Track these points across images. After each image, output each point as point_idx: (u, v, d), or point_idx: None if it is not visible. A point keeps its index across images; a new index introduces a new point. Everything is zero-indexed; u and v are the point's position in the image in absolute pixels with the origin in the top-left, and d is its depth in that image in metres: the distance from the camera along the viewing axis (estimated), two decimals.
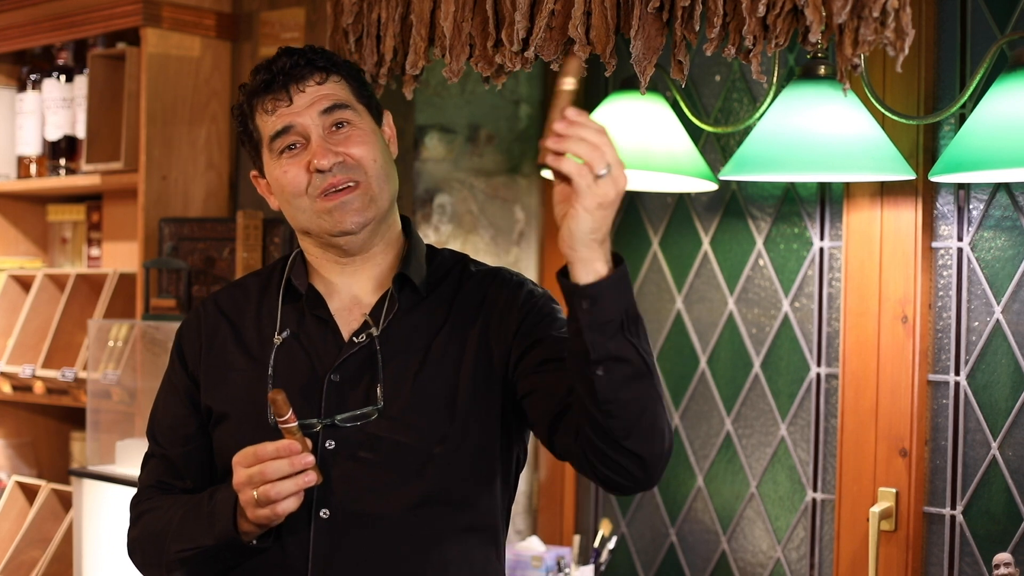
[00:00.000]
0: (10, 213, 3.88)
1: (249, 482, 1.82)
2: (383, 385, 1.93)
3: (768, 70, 2.64)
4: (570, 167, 1.63)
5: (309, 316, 2.01)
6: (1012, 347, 2.58)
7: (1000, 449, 2.59)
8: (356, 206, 1.95)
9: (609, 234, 1.69)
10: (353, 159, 1.95)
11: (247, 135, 2.04)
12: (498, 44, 2.34)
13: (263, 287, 2.09)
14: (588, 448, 1.76)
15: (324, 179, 1.94)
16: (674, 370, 3.14)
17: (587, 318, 1.68)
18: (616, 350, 1.69)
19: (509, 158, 3.40)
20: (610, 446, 1.74)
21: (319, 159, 1.94)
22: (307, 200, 1.96)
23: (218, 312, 2.08)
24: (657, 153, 2.69)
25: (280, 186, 1.99)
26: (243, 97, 2.03)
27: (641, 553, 3.19)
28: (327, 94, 1.98)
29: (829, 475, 2.84)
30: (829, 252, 2.86)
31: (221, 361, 2.03)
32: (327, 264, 2.03)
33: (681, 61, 2.14)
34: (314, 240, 2.02)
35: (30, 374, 3.45)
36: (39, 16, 3.50)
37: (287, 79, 1.97)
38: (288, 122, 1.96)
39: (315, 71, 1.98)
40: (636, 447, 1.74)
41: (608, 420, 1.72)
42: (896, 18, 1.91)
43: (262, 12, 3.32)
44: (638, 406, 1.73)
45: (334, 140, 1.96)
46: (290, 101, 1.97)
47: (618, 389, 1.70)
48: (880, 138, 2.47)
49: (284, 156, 1.97)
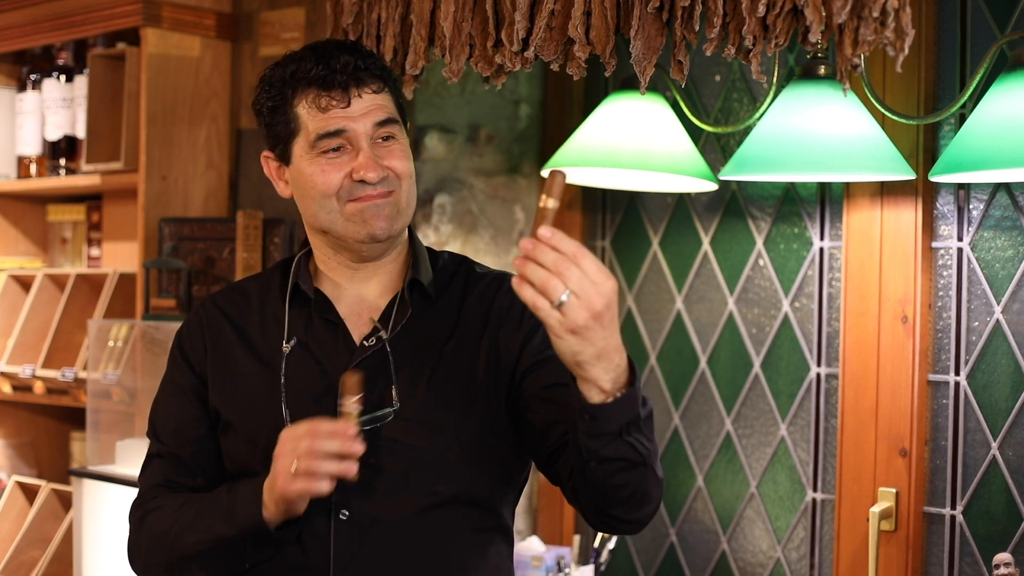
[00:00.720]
0: (10, 213, 3.88)
1: (293, 451, 1.79)
2: (397, 387, 1.93)
3: (768, 70, 2.64)
4: (526, 295, 1.61)
5: (317, 320, 1.99)
6: (1012, 347, 2.58)
7: (1000, 449, 2.59)
8: (387, 212, 1.94)
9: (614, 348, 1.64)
10: (395, 173, 1.95)
11: (278, 119, 1.97)
12: (498, 44, 2.34)
13: (264, 291, 2.06)
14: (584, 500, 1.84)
15: (363, 189, 1.92)
16: (674, 370, 3.14)
17: (588, 428, 1.70)
18: (611, 453, 1.72)
19: (509, 158, 3.40)
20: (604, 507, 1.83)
21: (368, 171, 1.91)
22: (336, 202, 1.94)
23: (220, 314, 2.06)
24: (657, 153, 2.69)
25: (311, 184, 1.95)
26: (282, 77, 1.96)
27: (641, 553, 3.19)
28: (383, 105, 1.95)
29: (829, 475, 2.84)
30: (829, 252, 2.86)
31: (228, 364, 2.01)
32: (337, 268, 2.01)
33: (681, 61, 2.14)
34: (329, 241, 1.99)
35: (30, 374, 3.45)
36: (39, 16, 3.49)
37: (348, 80, 1.93)
38: (343, 126, 1.93)
39: (374, 78, 1.95)
40: (622, 515, 1.83)
41: (602, 496, 1.79)
42: (896, 18, 1.91)
43: (262, 12, 3.32)
44: (628, 491, 1.79)
45: (379, 152, 1.95)
46: (348, 104, 1.93)
47: (611, 478, 1.75)
48: (880, 138, 2.47)
49: (324, 156, 1.94)
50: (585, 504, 1.84)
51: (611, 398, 1.67)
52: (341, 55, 1.94)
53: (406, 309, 1.99)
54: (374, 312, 2.00)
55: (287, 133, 1.97)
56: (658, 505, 1.88)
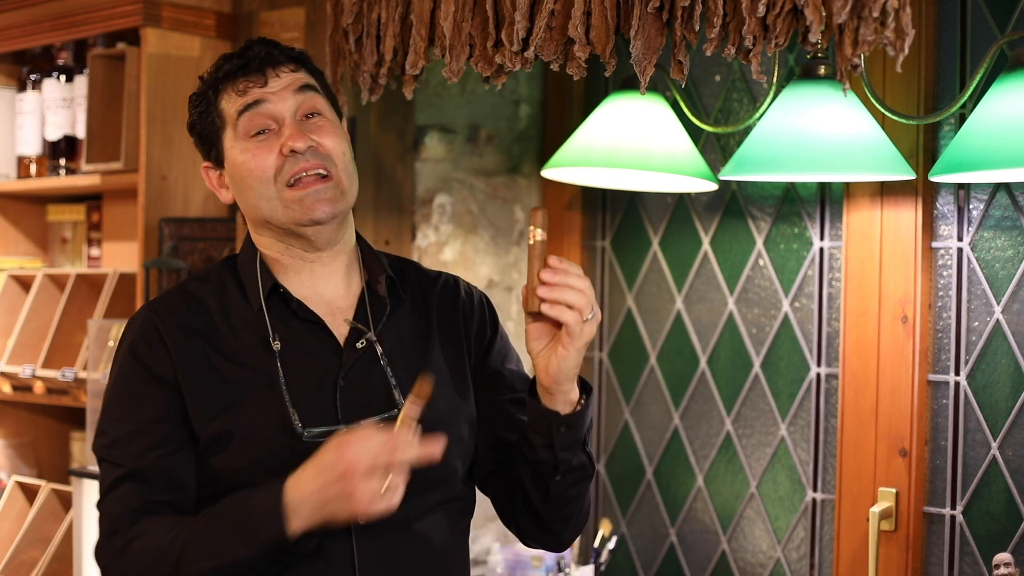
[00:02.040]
0: (10, 213, 3.88)
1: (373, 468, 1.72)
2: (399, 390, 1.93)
3: (768, 70, 2.64)
4: (568, 316, 1.79)
5: (298, 321, 1.95)
6: (1012, 347, 2.58)
7: (1000, 449, 2.59)
8: (328, 195, 1.92)
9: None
10: (325, 148, 1.93)
11: (205, 123, 1.98)
12: (498, 44, 2.34)
13: (218, 294, 1.99)
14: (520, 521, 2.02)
15: (296, 163, 1.91)
16: (674, 370, 3.14)
17: (562, 439, 1.88)
18: (578, 461, 1.92)
19: (509, 158, 3.40)
20: (539, 526, 2.00)
21: (294, 140, 1.90)
22: (275, 188, 1.92)
23: (176, 321, 1.94)
24: (657, 153, 2.69)
25: (246, 171, 1.93)
26: (206, 85, 1.98)
27: (641, 553, 3.19)
28: (301, 77, 1.97)
29: (829, 475, 2.84)
30: (829, 252, 2.86)
31: (208, 375, 1.91)
32: (294, 264, 1.98)
33: (681, 61, 2.14)
34: (275, 234, 1.96)
35: (30, 374, 3.45)
36: (39, 16, 3.49)
37: (263, 63, 1.95)
38: (259, 96, 1.93)
39: (290, 59, 1.97)
40: (562, 532, 2.01)
41: (550, 513, 1.97)
42: (896, 18, 1.90)
43: (262, 12, 3.31)
44: (579, 503, 1.98)
45: (306, 127, 1.94)
46: (265, 82, 1.94)
47: (568, 490, 1.94)
48: (880, 138, 2.47)
49: (252, 140, 1.93)
50: (526, 520, 2.01)
51: (579, 406, 1.88)
52: (255, 47, 1.97)
53: (383, 307, 1.99)
54: (345, 312, 1.98)
55: (214, 131, 1.97)
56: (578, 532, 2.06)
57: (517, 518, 2.02)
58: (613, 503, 3.24)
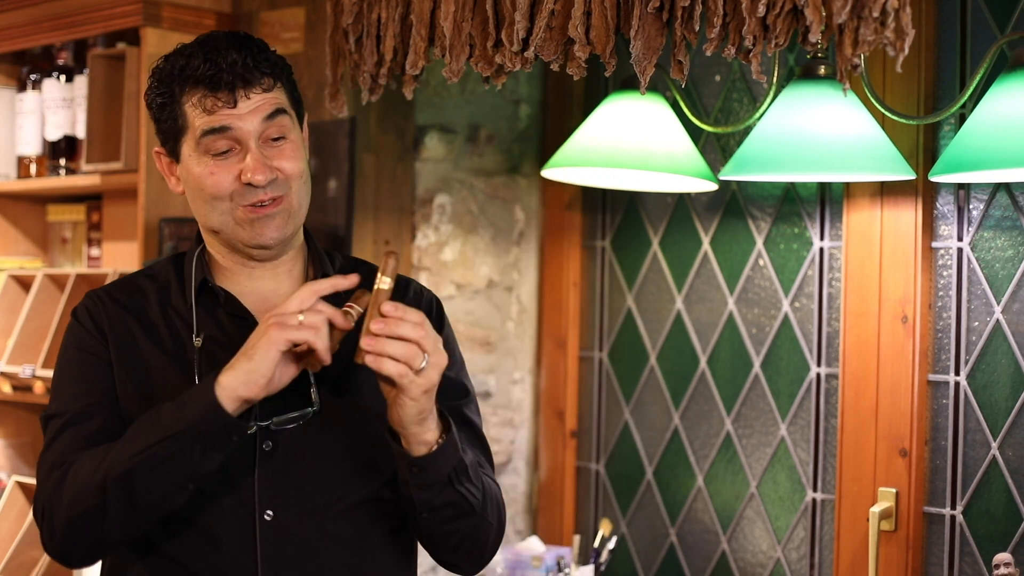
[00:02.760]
0: (10, 213, 3.88)
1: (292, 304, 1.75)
2: (317, 388, 1.91)
3: (768, 70, 2.64)
4: (391, 369, 1.73)
5: (227, 316, 1.97)
6: (1012, 347, 2.58)
7: (1000, 449, 2.59)
8: (277, 223, 1.93)
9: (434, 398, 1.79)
10: (284, 175, 1.92)
11: (166, 115, 1.94)
12: (498, 44, 2.34)
13: (161, 286, 2.01)
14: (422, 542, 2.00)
15: (255, 194, 1.90)
16: (674, 370, 3.14)
17: (416, 480, 1.83)
18: (441, 501, 1.86)
19: (509, 158, 3.40)
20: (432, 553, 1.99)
21: (256, 174, 1.89)
22: (228, 204, 1.92)
23: (117, 305, 1.98)
24: (657, 153, 2.69)
25: (200, 186, 1.92)
26: (171, 72, 1.92)
27: (641, 553, 3.19)
28: (271, 99, 1.92)
29: (829, 475, 2.84)
30: (829, 252, 2.86)
31: (133, 355, 1.95)
32: (235, 267, 2.00)
33: (681, 61, 2.14)
34: (221, 240, 1.98)
35: (30, 374, 3.45)
36: (39, 16, 3.49)
37: (235, 80, 1.89)
38: (228, 123, 1.89)
39: (263, 75, 1.91)
40: (452, 560, 1.98)
41: (432, 546, 1.96)
42: (896, 18, 1.90)
43: (262, 12, 3.31)
44: (457, 539, 1.93)
45: (269, 153, 1.92)
46: (234, 104, 1.89)
47: (442, 526, 1.90)
48: (880, 138, 2.47)
49: (212, 158, 1.91)
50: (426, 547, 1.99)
51: (435, 447, 1.81)
52: (229, 52, 1.90)
53: None
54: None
55: (175, 130, 1.94)
56: (494, 551, 2.00)
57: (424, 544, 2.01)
58: (613, 503, 3.24)
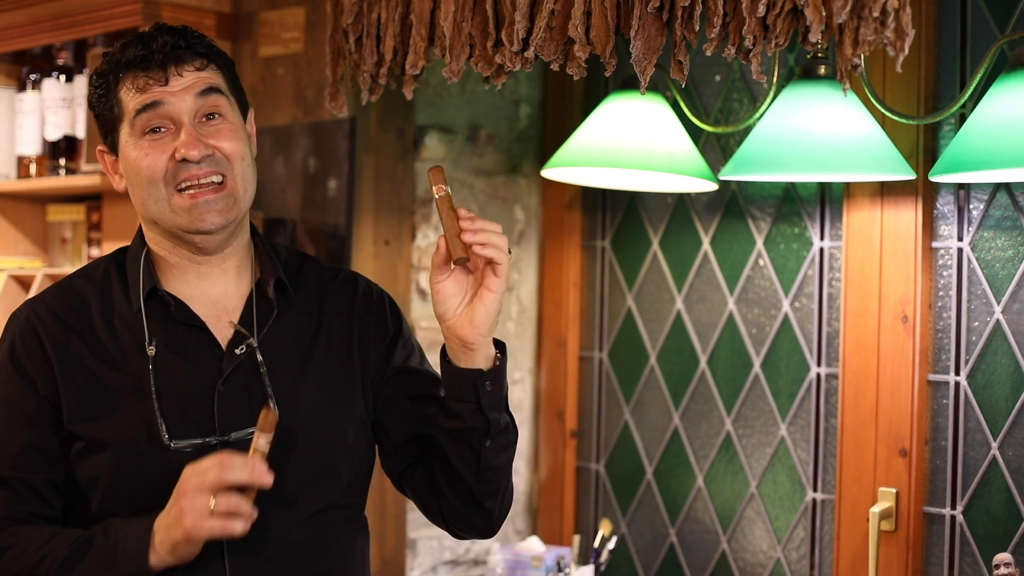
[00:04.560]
0: (10, 213, 3.88)
1: (202, 487, 1.73)
2: (275, 399, 1.89)
3: (768, 70, 2.64)
4: (498, 252, 1.81)
5: (178, 325, 1.91)
6: (1012, 347, 2.58)
7: (1000, 449, 2.59)
8: (219, 207, 1.88)
9: None
10: (222, 153, 1.89)
11: (104, 107, 1.92)
12: (498, 44, 2.34)
13: (102, 290, 1.95)
14: (446, 506, 1.97)
15: (188, 169, 1.86)
16: (674, 370, 3.14)
17: (488, 398, 1.85)
18: (504, 422, 1.90)
19: (509, 158, 3.40)
20: (469, 506, 1.96)
21: (188, 149, 1.85)
22: (164, 190, 1.87)
23: (57, 322, 1.90)
24: (657, 153, 2.69)
25: (137, 170, 1.88)
26: (108, 65, 1.91)
27: (641, 553, 3.19)
28: (205, 77, 1.90)
29: (829, 475, 2.84)
30: (829, 252, 2.86)
31: (84, 379, 1.87)
32: (180, 264, 1.94)
33: (681, 61, 2.14)
34: (162, 232, 1.92)
35: None
36: (39, 16, 3.49)
37: (166, 59, 1.88)
38: (158, 98, 1.86)
39: (196, 56, 1.90)
40: (493, 506, 1.96)
41: (480, 485, 1.92)
42: (896, 18, 1.90)
43: (262, 12, 3.31)
44: (506, 474, 1.96)
45: (204, 131, 1.88)
46: (166, 82, 1.87)
47: (498, 456, 1.91)
48: (880, 138, 2.47)
49: (146, 138, 1.87)
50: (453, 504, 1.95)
51: (498, 361, 1.87)
52: (161, 36, 1.89)
53: (270, 309, 1.95)
54: (231, 314, 1.94)
55: (112, 119, 1.91)
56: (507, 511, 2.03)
57: (442, 507, 1.98)
58: (613, 503, 3.24)
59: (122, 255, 1.99)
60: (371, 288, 2.08)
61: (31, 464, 1.86)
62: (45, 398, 1.87)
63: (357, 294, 2.04)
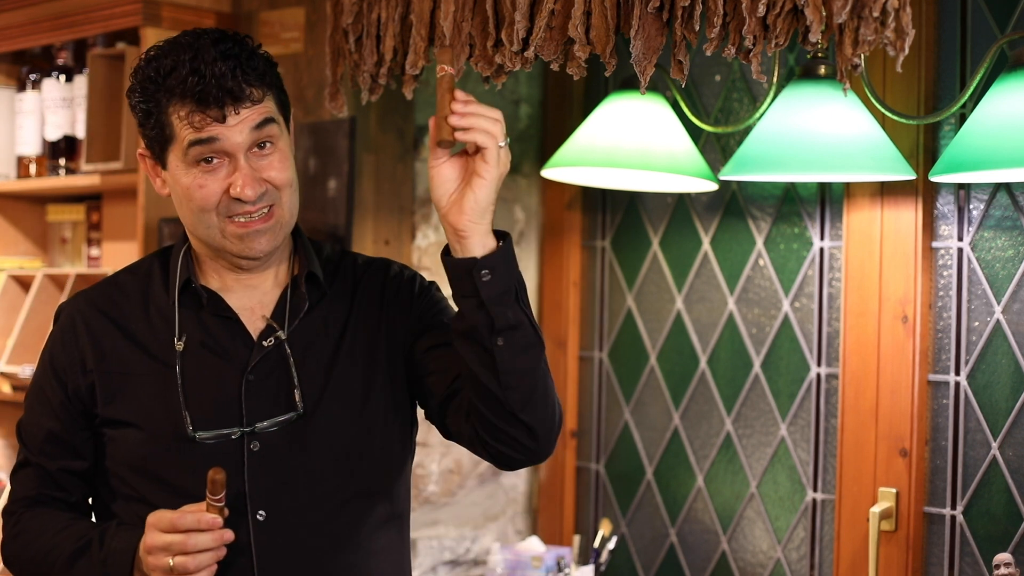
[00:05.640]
0: (10, 213, 3.88)
1: (167, 549, 1.80)
2: (300, 389, 1.93)
3: (768, 70, 2.64)
4: (484, 138, 1.76)
5: (211, 317, 1.96)
6: (1012, 347, 2.58)
7: (1000, 449, 2.59)
8: (268, 237, 1.92)
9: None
10: (274, 185, 1.91)
11: (151, 125, 1.90)
12: (498, 44, 2.34)
13: (144, 285, 2.01)
14: (481, 425, 1.84)
15: (242, 206, 1.89)
16: (674, 370, 3.14)
17: (488, 290, 1.77)
18: (515, 318, 1.79)
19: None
20: (504, 419, 1.81)
21: (246, 188, 1.87)
22: (215, 217, 1.90)
23: (99, 314, 1.99)
24: (657, 153, 2.69)
25: (188, 197, 1.90)
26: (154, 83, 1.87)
27: (641, 553, 3.19)
28: (261, 109, 1.89)
29: (829, 475, 2.84)
30: (829, 252, 2.86)
31: (118, 366, 1.96)
32: (220, 268, 1.99)
33: (681, 61, 2.14)
34: (207, 246, 1.97)
35: (30, 374, 3.45)
36: (39, 16, 3.49)
37: (223, 97, 1.85)
38: (216, 134, 1.86)
39: (252, 88, 1.87)
40: (530, 418, 1.82)
41: (506, 392, 1.80)
42: (896, 18, 1.90)
43: (262, 12, 3.31)
44: (533, 376, 1.82)
45: (257, 164, 1.89)
46: (223, 120, 1.86)
47: (516, 358, 1.79)
48: (880, 138, 2.46)
49: (199, 168, 1.88)
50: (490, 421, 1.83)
51: (498, 248, 1.79)
52: (216, 63, 1.84)
53: (301, 302, 1.99)
54: (265, 308, 1.98)
55: (161, 139, 1.91)
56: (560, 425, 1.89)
57: (481, 429, 1.86)
58: (613, 503, 3.24)
59: (167, 251, 2.06)
60: (403, 270, 2.09)
61: (51, 452, 1.98)
62: (72, 394, 1.97)
63: (388, 276, 2.06)
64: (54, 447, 1.98)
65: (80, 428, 1.97)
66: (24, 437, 2.02)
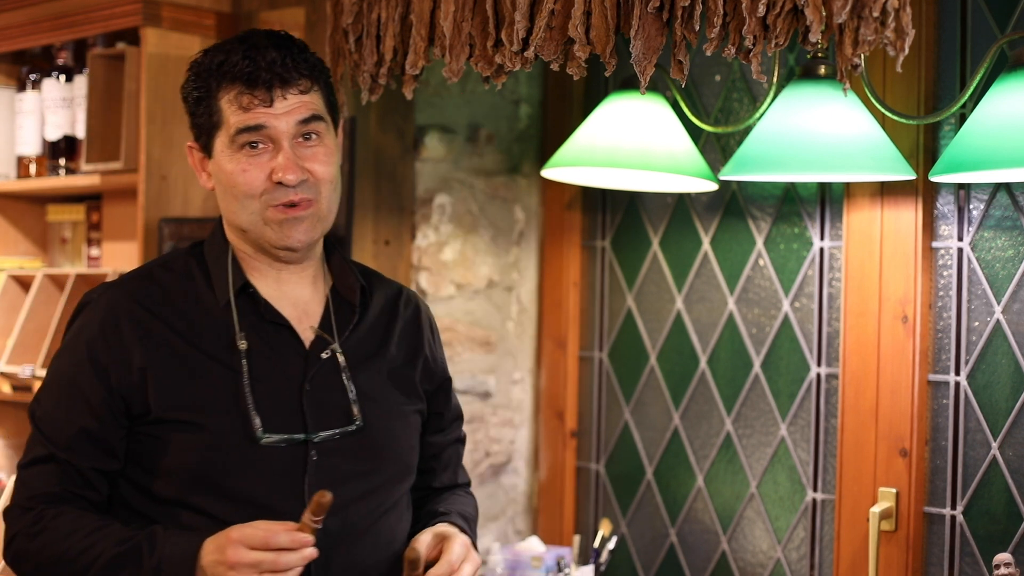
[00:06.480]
0: (10, 213, 3.88)
1: (256, 567, 1.78)
2: (358, 403, 1.96)
3: (768, 70, 2.64)
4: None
5: (264, 323, 1.96)
6: (1012, 347, 2.58)
7: (1000, 449, 2.59)
8: (306, 225, 1.94)
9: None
10: (315, 177, 1.93)
11: (201, 111, 1.94)
12: (498, 44, 2.34)
13: (185, 284, 1.98)
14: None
15: (285, 194, 1.91)
16: (674, 370, 3.14)
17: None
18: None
19: (509, 158, 3.40)
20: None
21: (288, 173, 1.89)
22: (258, 204, 1.92)
23: (142, 308, 1.93)
24: (657, 153, 2.69)
25: (232, 183, 1.92)
26: (208, 69, 1.92)
27: (641, 553, 3.19)
28: (308, 103, 1.93)
29: (829, 475, 2.84)
30: (829, 252, 2.86)
31: (175, 364, 1.91)
32: (262, 267, 2.00)
33: (681, 61, 2.14)
34: (248, 240, 1.98)
35: (30, 374, 3.45)
36: (39, 16, 3.49)
37: (272, 79, 1.90)
38: (263, 121, 1.90)
39: (302, 77, 1.92)
40: None
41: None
42: (896, 18, 1.90)
43: (262, 12, 3.31)
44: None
45: (301, 154, 1.92)
46: (271, 103, 1.90)
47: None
48: (880, 138, 2.46)
49: (244, 152, 1.91)
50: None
51: None
52: (269, 51, 1.90)
53: (350, 315, 2.02)
54: (312, 318, 2.00)
55: (209, 125, 1.94)
56: None
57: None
58: (613, 503, 3.24)
59: (199, 249, 2.03)
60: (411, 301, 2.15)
61: (82, 450, 1.89)
62: (116, 391, 1.90)
63: (420, 306, 2.14)
64: (89, 446, 1.89)
65: (119, 427, 1.90)
66: (47, 431, 1.91)
